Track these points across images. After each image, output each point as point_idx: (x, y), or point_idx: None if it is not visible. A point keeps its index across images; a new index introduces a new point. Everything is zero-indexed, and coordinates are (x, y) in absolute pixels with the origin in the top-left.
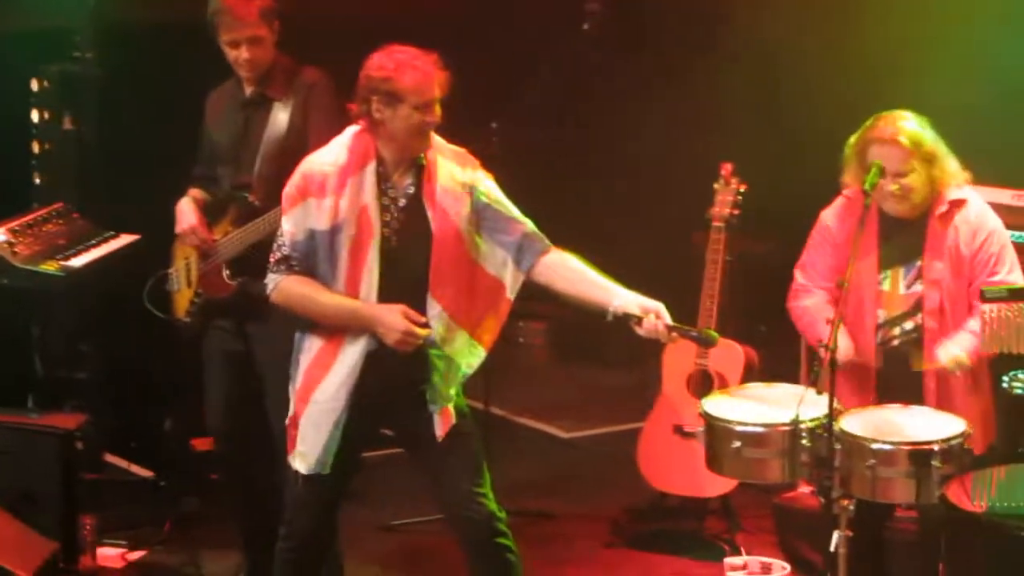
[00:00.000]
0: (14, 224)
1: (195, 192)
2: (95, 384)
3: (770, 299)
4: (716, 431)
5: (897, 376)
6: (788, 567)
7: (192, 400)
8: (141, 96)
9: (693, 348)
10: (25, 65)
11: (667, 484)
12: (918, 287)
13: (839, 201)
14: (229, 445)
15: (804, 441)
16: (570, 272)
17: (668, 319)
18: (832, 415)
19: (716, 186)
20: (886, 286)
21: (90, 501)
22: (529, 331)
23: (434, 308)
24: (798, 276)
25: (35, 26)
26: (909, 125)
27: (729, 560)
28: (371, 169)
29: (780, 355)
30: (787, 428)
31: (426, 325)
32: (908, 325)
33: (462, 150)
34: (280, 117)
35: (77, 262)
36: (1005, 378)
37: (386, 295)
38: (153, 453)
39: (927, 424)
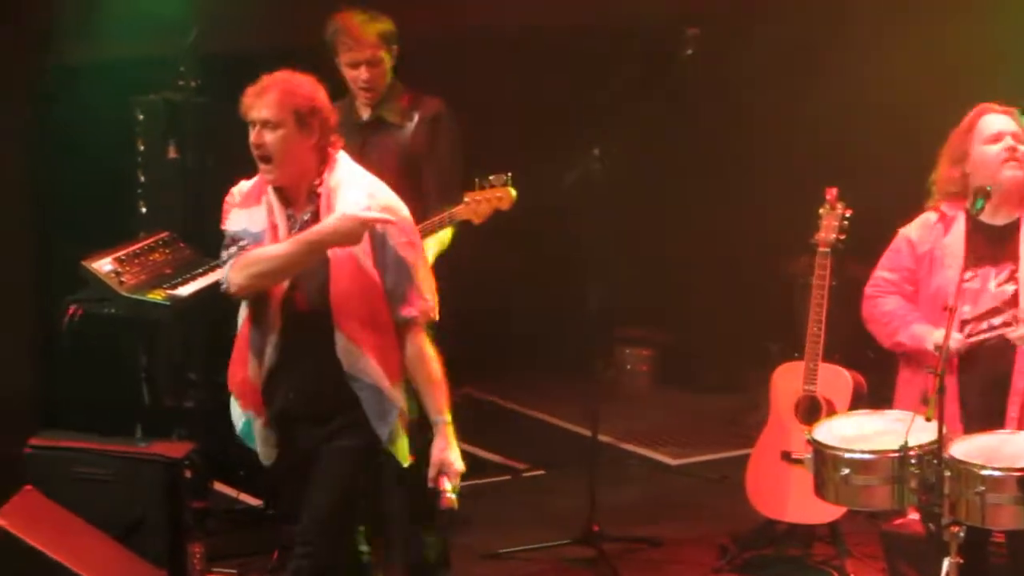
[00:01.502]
0: (120, 253)
1: None
2: (202, 412)
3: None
4: (824, 458)
5: (981, 374)
6: None
7: None
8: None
9: (801, 373)
10: (129, 95)
11: (775, 510)
12: (1010, 287)
13: (921, 218)
14: None
15: (913, 468)
16: (413, 368)
17: (448, 481)
18: (941, 441)
19: (821, 211)
20: (975, 284)
21: (198, 529)
22: (634, 357)
23: (340, 339)
24: (869, 290)
25: (138, 55)
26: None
27: None
28: (271, 191)
29: (888, 381)
30: (895, 455)
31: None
32: (996, 320)
33: (376, 180)
34: (398, 143)
35: (184, 291)
36: None
37: (293, 322)
38: (261, 481)
39: None
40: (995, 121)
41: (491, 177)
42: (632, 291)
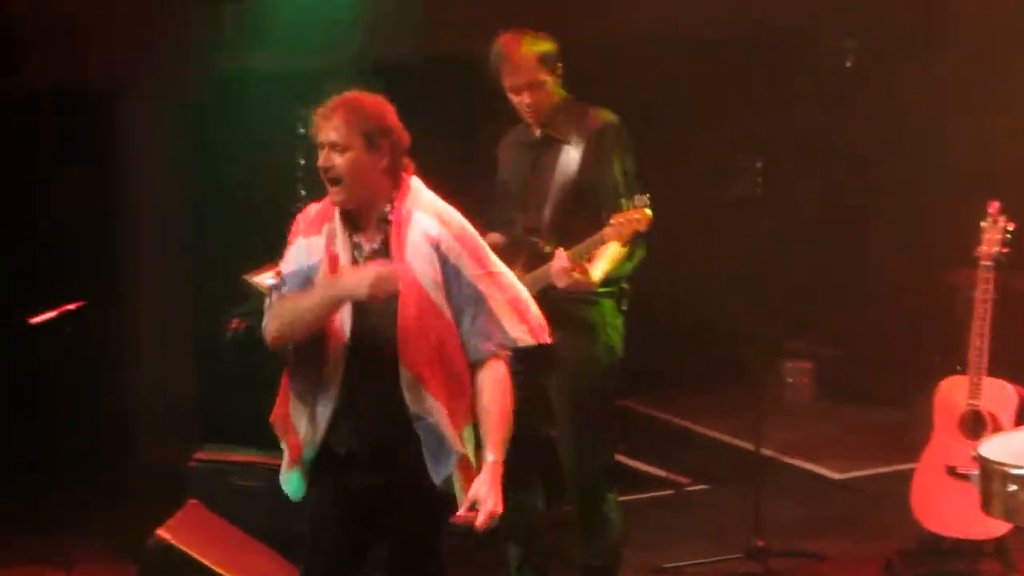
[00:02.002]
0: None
1: (492, 236)
2: None
3: None
4: (991, 474)
5: None
6: None
7: None
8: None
9: (965, 388)
10: (290, 109)
11: (941, 526)
12: None
13: None
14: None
15: None
16: (485, 397)
17: (483, 515)
18: None
19: (983, 224)
20: None
21: None
22: (795, 371)
23: (405, 375)
24: None
25: (299, 66)
26: None
27: None
28: (338, 217)
29: None
30: None
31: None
32: None
33: (449, 207)
34: (569, 160)
35: None
36: None
37: (356, 354)
38: None
39: None
40: None
41: (636, 197)
42: (793, 304)
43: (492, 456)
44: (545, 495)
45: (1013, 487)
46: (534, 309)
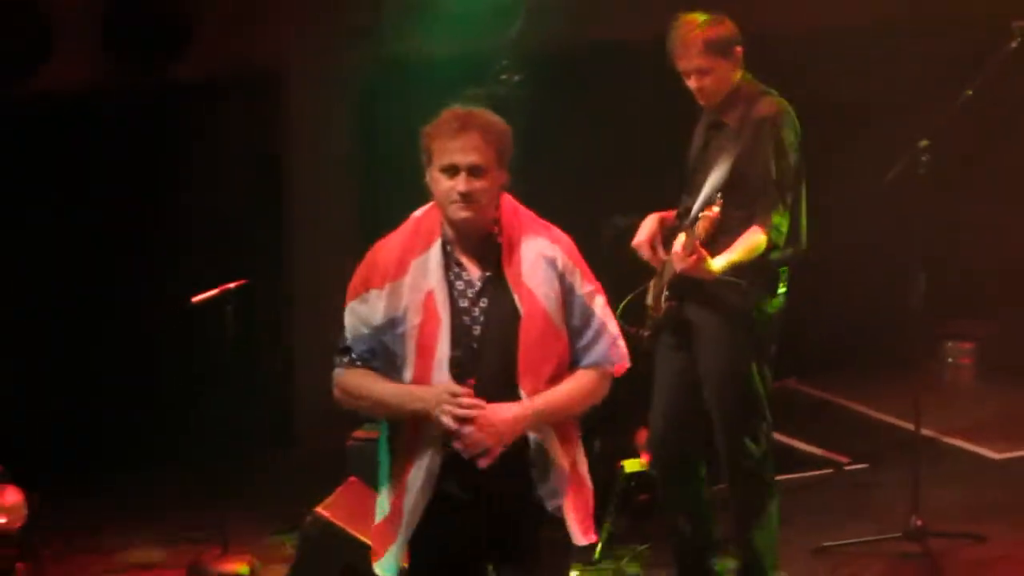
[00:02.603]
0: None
1: (668, 213)
2: None
3: None
4: None
5: None
6: None
7: (623, 420)
8: (565, 118)
9: None
10: (452, 90)
11: None
12: None
13: None
14: (665, 468)
15: None
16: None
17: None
18: None
19: None
20: None
21: None
22: (957, 351)
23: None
24: None
25: (461, 50)
26: None
27: None
28: (436, 249)
29: None
30: None
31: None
32: None
33: (553, 226)
34: (731, 145)
35: None
36: None
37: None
38: None
39: None
40: None
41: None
42: (955, 283)
43: (534, 403)
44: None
45: None
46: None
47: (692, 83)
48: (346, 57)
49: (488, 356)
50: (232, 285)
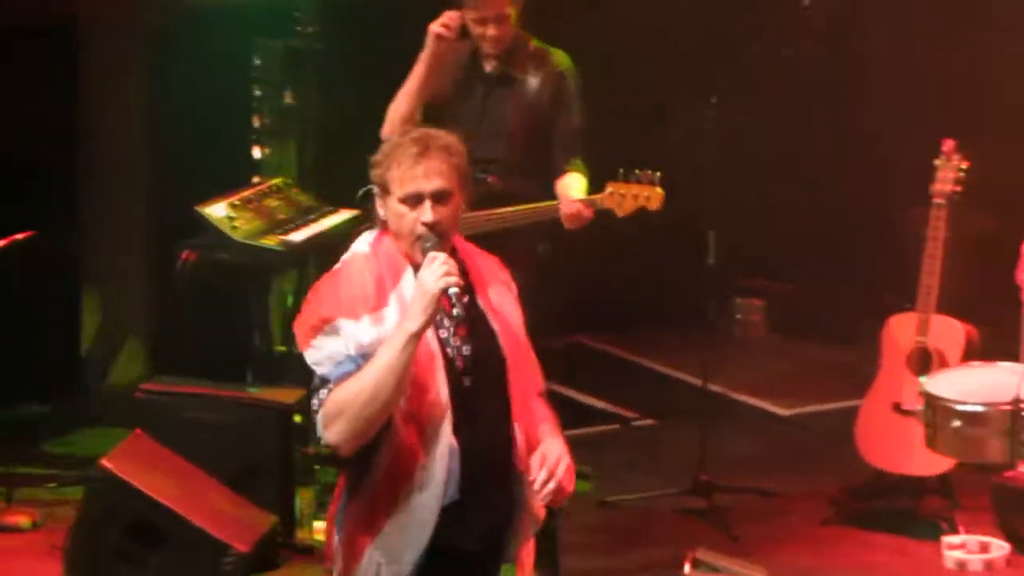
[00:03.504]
0: (234, 198)
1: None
2: None
3: (991, 277)
4: (935, 410)
5: None
6: (1007, 547)
7: None
8: (360, 71)
9: (914, 326)
10: (247, 40)
11: (885, 462)
12: None
13: None
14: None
15: None
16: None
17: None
18: None
19: (937, 163)
20: None
21: (308, 475)
22: (747, 307)
23: (519, 441)
24: None
25: (258, 1)
26: None
27: (947, 539)
28: (408, 277)
29: (1001, 334)
30: (1008, 408)
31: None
32: None
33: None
34: (523, 98)
35: (297, 236)
36: None
37: (467, 436)
38: None
39: None
40: None
41: (637, 171)
42: (746, 241)
43: (555, 430)
44: None
45: (957, 423)
46: None
47: (489, 31)
48: (141, 4)
49: (481, 398)
50: (20, 236)
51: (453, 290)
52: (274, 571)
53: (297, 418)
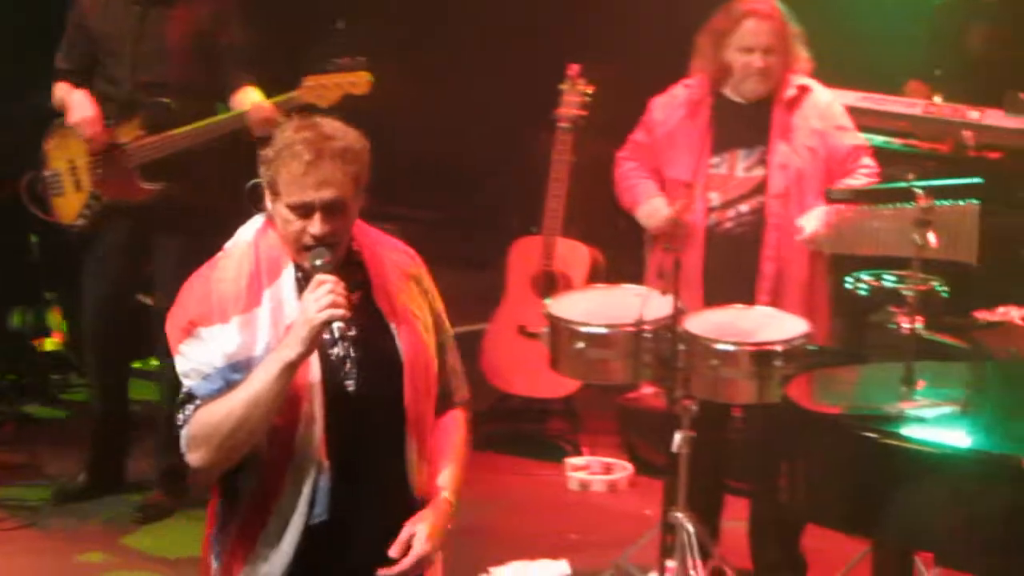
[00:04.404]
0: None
1: (76, 88)
2: None
3: (615, 201)
4: (560, 332)
5: (727, 262)
6: (630, 467)
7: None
8: None
9: (539, 249)
10: None
11: (510, 385)
12: (759, 171)
13: (675, 91)
14: (102, 346)
15: (648, 342)
16: (454, 436)
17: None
18: (676, 316)
19: (563, 87)
20: (721, 169)
21: None
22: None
23: (412, 453)
24: (621, 152)
25: None
26: (776, 2)
27: (571, 460)
28: (287, 277)
29: (626, 257)
30: (631, 329)
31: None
32: (744, 208)
33: (397, 240)
34: (182, 18)
35: None
36: (849, 279)
37: (339, 446)
38: None
39: (770, 325)
40: (752, 31)
41: (339, 60)
42: (376, 169)
43: (448, 494)
44: None
45: (581, 345)
46: None
47: None
48: None
49: (367, 405)
50: None
51: (338, 324)
52: None
53: None
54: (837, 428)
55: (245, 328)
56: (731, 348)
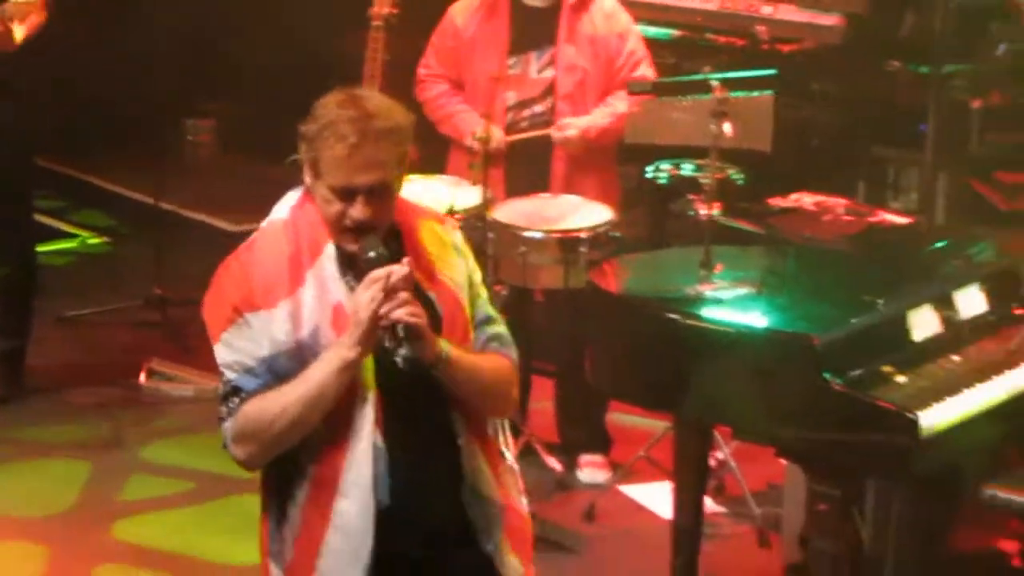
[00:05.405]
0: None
1: None
2: None
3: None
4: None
5: (524, 158)
6: None
7: None
8: None
9: None
10: None
11: None
12: (550, 72)
13: None
14: None
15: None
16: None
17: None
18: (485, 205)
19: None
20: (517, 70)
21: None
22: (197, 128)
23: (460, 428)
24: (421, 71)
25: None
26: None
27: None
28: (329, 255)
29: (436, 149)
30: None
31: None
32: (538, 108)
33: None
34: None
35: None
36: (649, 168)
37: (393, 424)
38: None
39: (576, 212)
40: None
41: None
42: (195, 63)
43: (447, 347)
44: None
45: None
46: None
47: None
48: None
49: (412, 380)
50: None
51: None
52: None
53: None
54: (639, 310)
55: (293, 314)
56: (539, 236)
